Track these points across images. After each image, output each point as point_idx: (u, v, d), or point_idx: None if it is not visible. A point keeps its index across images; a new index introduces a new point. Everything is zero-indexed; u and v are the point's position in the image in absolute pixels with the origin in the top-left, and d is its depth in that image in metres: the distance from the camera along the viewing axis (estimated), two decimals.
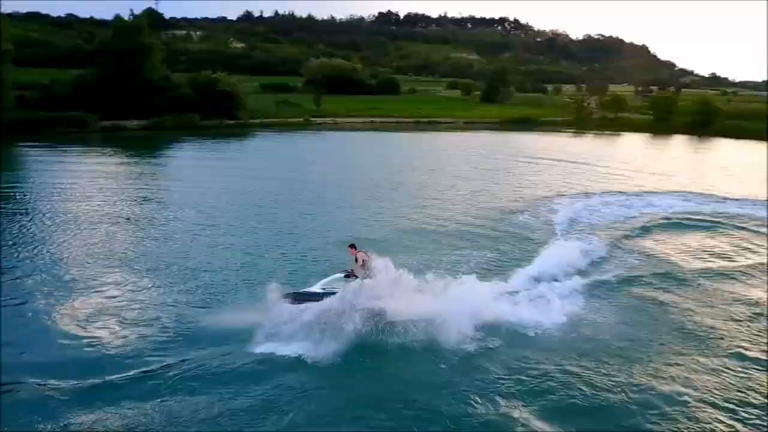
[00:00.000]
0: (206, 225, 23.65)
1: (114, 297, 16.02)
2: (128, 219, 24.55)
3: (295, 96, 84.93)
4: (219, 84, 63.70)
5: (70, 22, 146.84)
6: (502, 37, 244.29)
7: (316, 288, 14.57)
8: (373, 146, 56.97)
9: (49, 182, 31.79)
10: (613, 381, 12.47)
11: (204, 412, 10.99)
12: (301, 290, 14.61)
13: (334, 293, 14.03)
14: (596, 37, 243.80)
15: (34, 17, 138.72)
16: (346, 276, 14.73)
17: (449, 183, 34.95)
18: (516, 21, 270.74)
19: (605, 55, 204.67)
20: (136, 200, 28.16)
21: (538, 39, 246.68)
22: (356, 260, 14.61)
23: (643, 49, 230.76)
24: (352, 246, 14.97)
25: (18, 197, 28.15)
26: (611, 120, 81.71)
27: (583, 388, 12.17)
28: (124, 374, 12.08)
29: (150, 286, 16.81)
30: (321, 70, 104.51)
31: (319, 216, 25.55)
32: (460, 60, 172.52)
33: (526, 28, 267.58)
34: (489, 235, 23.37)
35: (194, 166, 40.13)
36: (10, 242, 20.50)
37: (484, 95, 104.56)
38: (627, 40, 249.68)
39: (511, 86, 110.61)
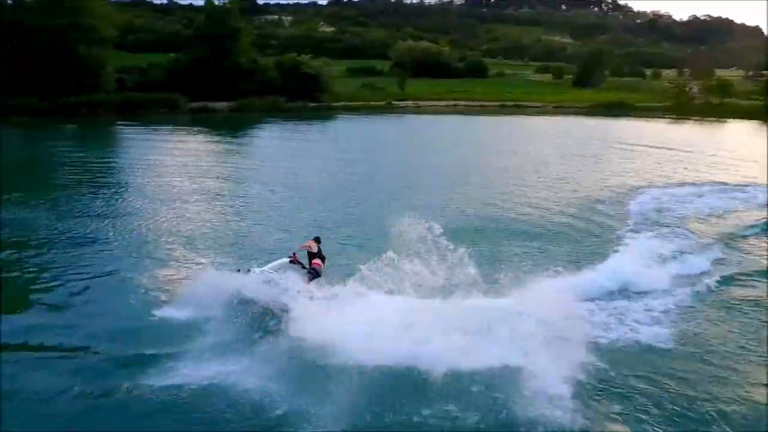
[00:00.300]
0: (285, 203, 23.79)
1: (192, 269, 15.88)
2: (211, 194, 25.20)
3: (381, 80, 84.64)
4: (303, 67, 64.44)
5: (171, 8, 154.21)
6: (598, 18, 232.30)
7: (267, 268, 13.50)
8: (455, 130, 55.69)
9: (142, 158, 33.48)
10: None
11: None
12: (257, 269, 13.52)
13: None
14: (703, 18, 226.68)
15: (139, 4, 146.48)
16: (291, 262, 13.80)
17: (531, 169, 33.25)
18: (614, 2, 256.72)
19: (712, 37, 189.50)
20: (219, 177, 29.00)
21: (638, 20, 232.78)
22: (311, 252, 13.67)
23: (756, 31, 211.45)
24: (317, 240, 14.11)
25: (113, 172, 29.73)
26: (716, 106, 75.29)
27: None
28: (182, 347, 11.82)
29: (227, 261, 16.43)
30: (408, 54, 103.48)
31: (391, 200, 24.77)
32: (553, 43, 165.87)
33: (624, 9, 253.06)
34: (568, 225, 21.55)
35: (276, 146, 40.80)
36: (104, 213, 21.38)
37: (576, 79, 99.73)
38: (737, 21, 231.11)
39: (606, 69, 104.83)
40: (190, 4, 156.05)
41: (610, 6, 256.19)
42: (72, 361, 11.53)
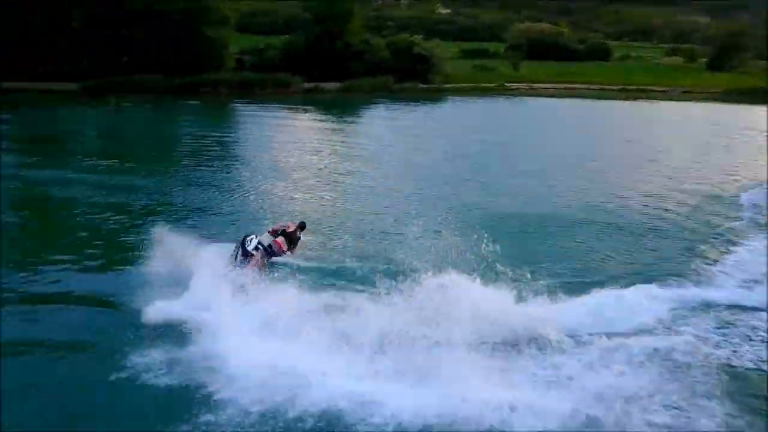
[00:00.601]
0: (399, 186, 22.97)
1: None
2: (318, 169, 25.42)
3: (495, 61, 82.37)
4: (415, 48, 63.95)
5: None
6: None
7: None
8: (570, 114, 52.86)
9: (255, 134, 35.19)
10: None
11: None
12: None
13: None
14: None
15: None
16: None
17: (649, 157, 30.67)
18: None
19: None
20: (326, 154, 29.28)
21: None
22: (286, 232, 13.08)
23: None
24: (301, 226, 13.60)
25: (228, 146, 31.17)
26: None
27: None
28: None
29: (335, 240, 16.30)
30: (525, 35, 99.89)
31: (485, 185, 23.56)
32: (685, 23, 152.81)
33: None
34: (681, 226, 18.53)
35: (383, 126, 40.68)
36: (220, 186, 21.97)
37: (710, 62, 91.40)
38: None
39: (746, 52, 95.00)
40: None
41: None
42: None
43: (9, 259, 14.21)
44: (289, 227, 13.32)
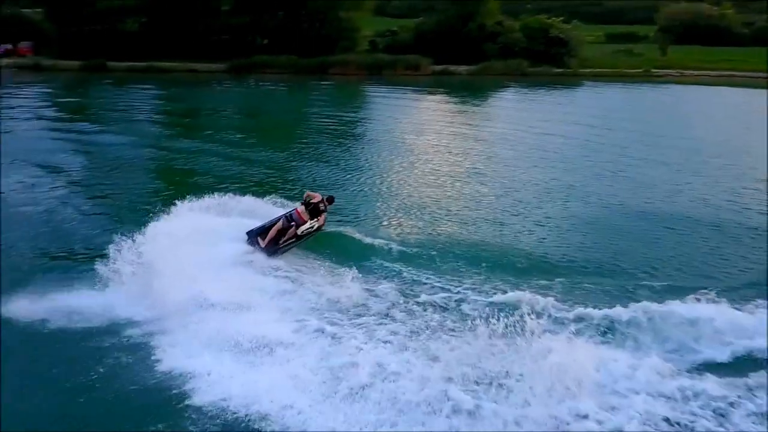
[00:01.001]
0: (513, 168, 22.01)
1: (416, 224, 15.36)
2: (436, 152, 24.89)
3: (641, 46, 76.35)
4: (552, 30, 60.86)
5: None
6: None
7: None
8: (728, 104, 47.28)
9: (380, 115, 35.34)
10: None
11: None
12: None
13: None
14: None
15: None
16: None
17: None
18: None
19: None
20: (447, 135, 28.74)
21: None
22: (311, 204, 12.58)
23: None
24: (329, 200, 13.00)
25: (352, 126, 31.54)
26: None
27: None
28: None
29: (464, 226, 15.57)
30: (679, 17, 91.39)
31: (618, 177, 21.34)
32: None
33: None
34: None
35: (514, 111, 38.83)
36: (337, 163, 22.24)
37: None
38: None
39: None
40: None
41: None
42: None
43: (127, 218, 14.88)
44: (315, 198, 12.86)
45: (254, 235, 12.29)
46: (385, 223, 15.38)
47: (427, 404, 7.70)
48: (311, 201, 12.70)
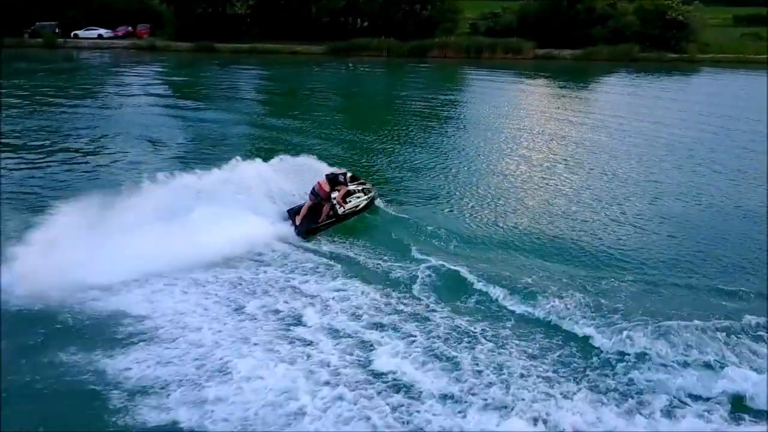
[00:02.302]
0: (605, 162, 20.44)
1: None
2: (540, 138, 23.66)
3: None
4: (670, 12, 56.36)
5: None
6: None
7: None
8: None
9: (473, 99, 34.65)
10: None
11: None
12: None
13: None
14: None
15: None
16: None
17: None
18: None
19: None
20: (540, 121, 27.36)
21: None
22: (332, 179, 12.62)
23: None
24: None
25: (444, 109, 30.87)
26: None
27: None
28: None
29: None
30: None
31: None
32: None
33: None
34: None
35: (620, 100, 36.13)
36: (434, 146, 21.86)
37: None
38: None
39: None
40: None
41: None
42: None
43: None
44: (337, 173, 12.92)
45: (292, 214, 12.47)
46: (454, 210, 14.77)
47: None
48: (335, 174, 12.85)
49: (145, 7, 66.09)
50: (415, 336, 8.91)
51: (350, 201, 12.89)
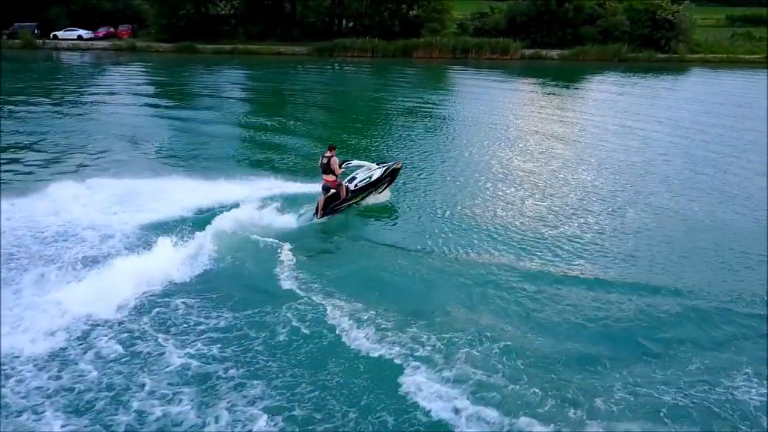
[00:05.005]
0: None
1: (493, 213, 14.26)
2: (524, 137, 23.18)
3: (763, 29, 68.30)
4: (660, 12, 55.49)
5: None
6: None
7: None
8: None
9: (456, 100, 33.85)
10: None
11: None
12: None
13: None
14: None
15: None
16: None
17: None
18: None
19: None
20: (531, 120, 26.96)
21: None
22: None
23: None
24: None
25: (424, 110, 29.99)
26: None
27: None
28: None
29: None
30: None
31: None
32: None
33: None
34: None
35: (609, 102, 34.93)
36: (419, 144, 21.48)
37: None
38: None
39: None
40: None
41: None
42: None
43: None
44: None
45: (315, 212, 13.48)
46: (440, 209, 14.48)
47: None
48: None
49: (128, 6, 65.02)
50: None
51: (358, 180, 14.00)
